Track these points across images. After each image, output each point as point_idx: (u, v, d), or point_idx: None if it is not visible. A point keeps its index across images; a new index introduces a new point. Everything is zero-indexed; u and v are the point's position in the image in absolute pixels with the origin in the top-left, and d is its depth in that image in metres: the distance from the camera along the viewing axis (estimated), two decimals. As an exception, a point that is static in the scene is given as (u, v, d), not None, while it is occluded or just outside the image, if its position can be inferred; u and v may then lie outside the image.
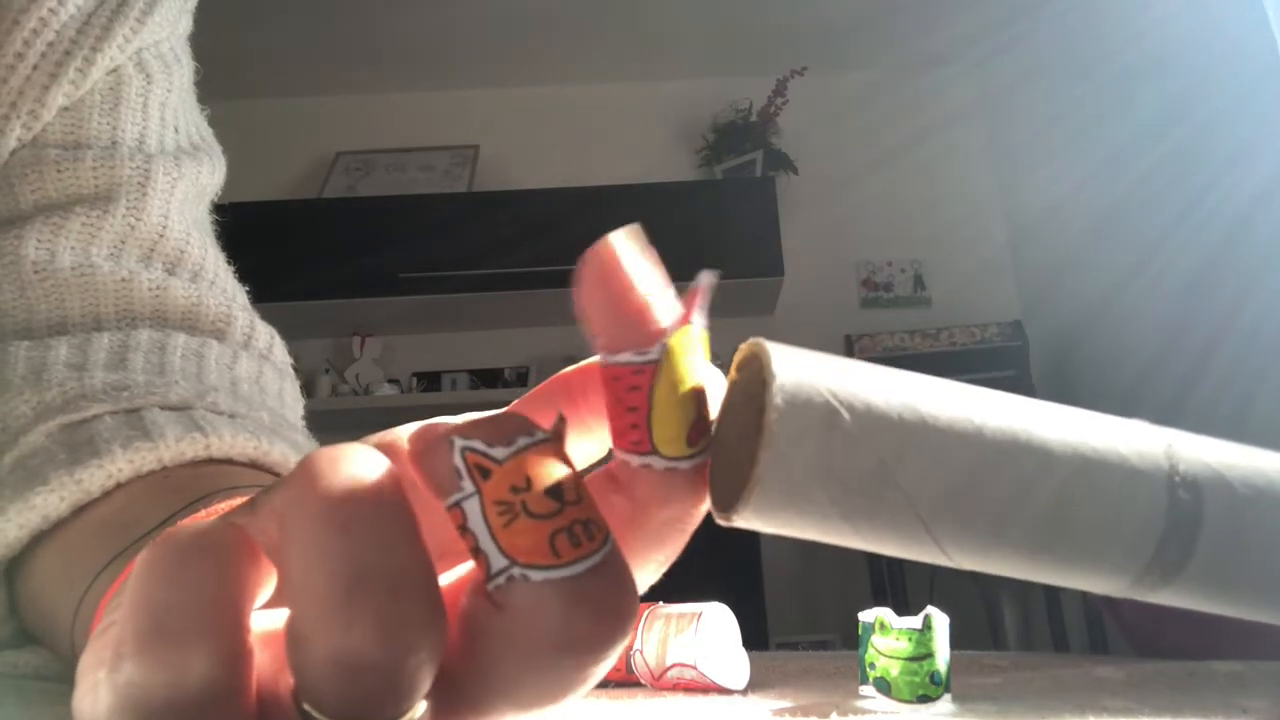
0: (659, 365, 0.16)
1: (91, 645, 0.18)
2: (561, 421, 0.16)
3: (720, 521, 0.18)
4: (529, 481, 0.15)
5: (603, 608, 0.15)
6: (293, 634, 0.14)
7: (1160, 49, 2.11)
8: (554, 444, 0.16)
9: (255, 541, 0.16)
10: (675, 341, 0.17)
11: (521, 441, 0.15)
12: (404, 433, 0.18)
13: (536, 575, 0.15)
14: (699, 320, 0.17)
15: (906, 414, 0.17)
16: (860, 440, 0.17)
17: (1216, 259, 1.95)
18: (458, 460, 0.15)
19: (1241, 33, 1.85)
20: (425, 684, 0.15)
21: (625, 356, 0.16)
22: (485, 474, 0.15)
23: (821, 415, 0.16)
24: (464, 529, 0.15)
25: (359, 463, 0.15)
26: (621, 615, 0.15)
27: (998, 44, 2.72)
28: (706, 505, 0.18)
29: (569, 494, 0.15)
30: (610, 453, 0.18)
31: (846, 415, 0.17)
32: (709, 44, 2.91)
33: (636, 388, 0.16)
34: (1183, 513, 0.18)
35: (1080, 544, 0.17)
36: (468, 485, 0.15)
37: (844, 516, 0.17)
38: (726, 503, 0.17)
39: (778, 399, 0.16)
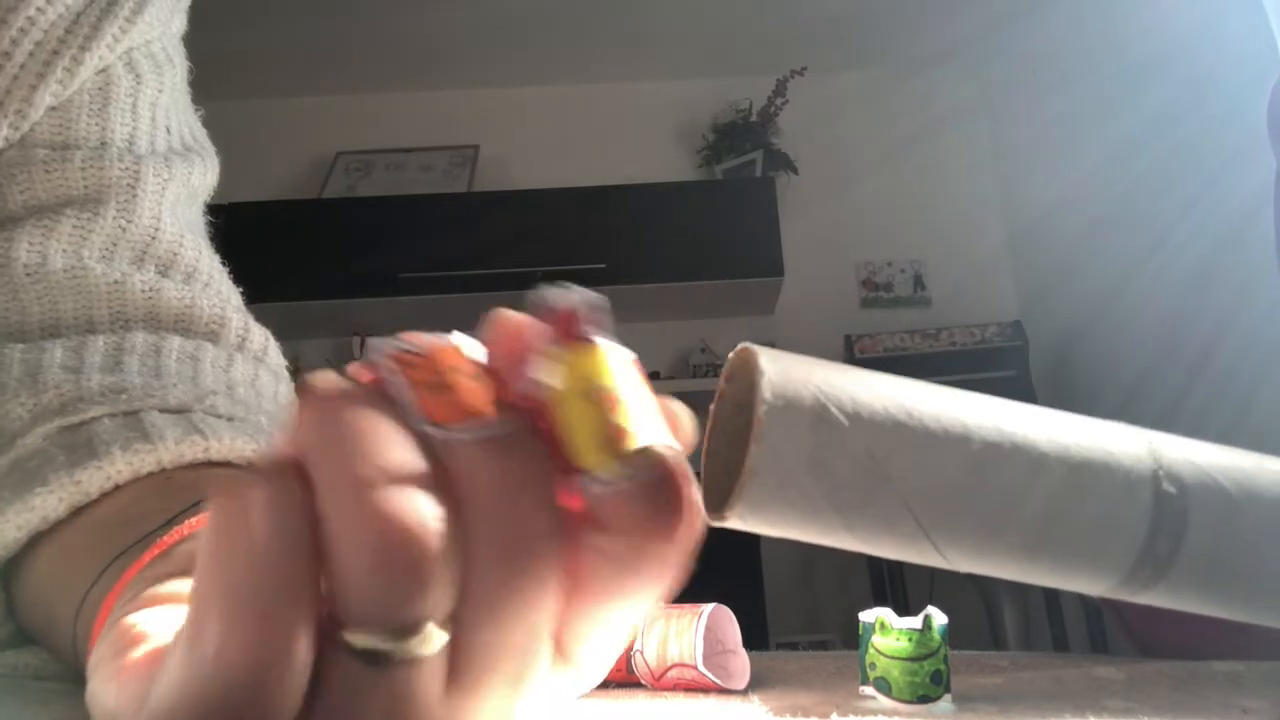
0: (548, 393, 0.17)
1: (105, 637, 0.18)
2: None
3: (714, 522, 0.18)
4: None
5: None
6: (330, 540, 0.15)
7: (1160, 49, 2.11)
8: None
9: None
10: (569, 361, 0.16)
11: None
12: None
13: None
14: (600, 339, 0.16)
15: (894, 410, 0.17)
16: (849, 434, 0.17)
17: (1216, 259, 1.95)
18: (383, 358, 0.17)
19: (1241, 33, 1.85)
20: (451, 580, 0.15)
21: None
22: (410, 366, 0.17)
23: (811, 410, 0.17)
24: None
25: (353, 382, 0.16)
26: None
27: (998, 44, 2.73)
28: (692, 529, 0.16)
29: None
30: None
31: (835, 410, 0.17)
32: (709, 44, 2.91)
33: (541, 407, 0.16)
34: (1169, 506, 0.18)
35: (1072, 538, 0.18)
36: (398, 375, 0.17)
37: (836, 509, 0.17)
38: (720, 502, 0.17)
39: (767, 394, 0.17)
